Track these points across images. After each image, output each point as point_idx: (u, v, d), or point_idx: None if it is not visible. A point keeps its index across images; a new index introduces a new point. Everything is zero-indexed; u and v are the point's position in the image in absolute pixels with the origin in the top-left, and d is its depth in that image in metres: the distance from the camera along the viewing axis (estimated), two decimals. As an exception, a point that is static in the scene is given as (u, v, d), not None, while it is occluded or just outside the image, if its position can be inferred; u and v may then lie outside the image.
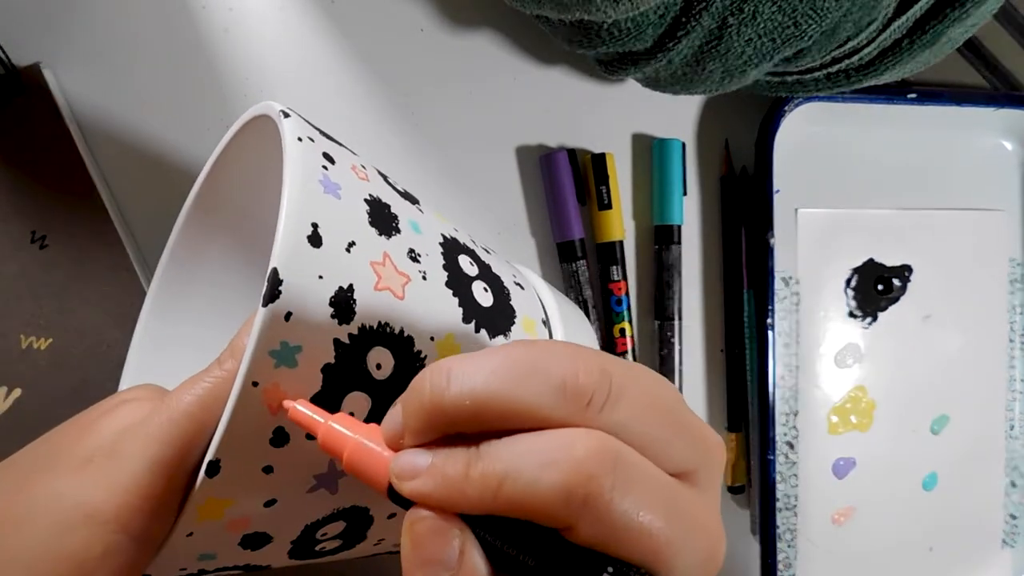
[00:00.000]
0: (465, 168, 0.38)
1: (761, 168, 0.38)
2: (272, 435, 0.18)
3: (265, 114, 0.23)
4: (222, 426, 0.17)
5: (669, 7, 0.30)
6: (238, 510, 0.19)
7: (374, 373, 0.19)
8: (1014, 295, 0.42)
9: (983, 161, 0.42)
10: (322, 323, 0.18)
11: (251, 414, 0.18)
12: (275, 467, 0.19)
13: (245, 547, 0.20)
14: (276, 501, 0.19)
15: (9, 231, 0.34)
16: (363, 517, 0.21)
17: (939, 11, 0.32)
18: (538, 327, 0.25)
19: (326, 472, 0.20)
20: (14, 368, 0.33)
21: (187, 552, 0.20)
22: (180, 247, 0.29)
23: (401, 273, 0.21)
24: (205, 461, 0.18)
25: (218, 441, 0.18)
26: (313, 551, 0.22)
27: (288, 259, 0.18)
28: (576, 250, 0.37)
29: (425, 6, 0.37)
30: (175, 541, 0.19)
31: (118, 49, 0.35)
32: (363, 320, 0.19)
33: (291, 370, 0.18)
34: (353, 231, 0.20)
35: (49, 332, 0.34)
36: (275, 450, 0.18)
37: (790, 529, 0.39)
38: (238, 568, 0.22)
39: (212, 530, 0.19)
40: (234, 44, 0.36)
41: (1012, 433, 0.42)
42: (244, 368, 0.17)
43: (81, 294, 0.34)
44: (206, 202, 0.28)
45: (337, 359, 0.19)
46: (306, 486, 0.19)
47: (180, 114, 0.36)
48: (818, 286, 0.40)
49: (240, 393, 0.17)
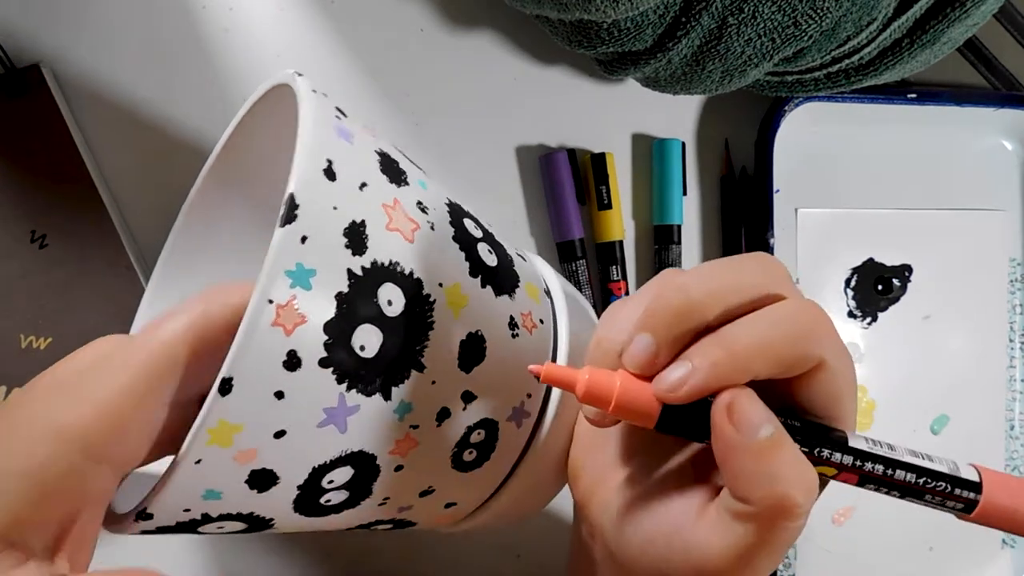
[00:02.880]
0: (465, 168, 0.38)
1: (761, 168, 0.38)
2: (286, 357, 0.18)
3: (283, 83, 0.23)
4: (236, 342, 0.17)
5: (669, 7, 0.30)
6: (247, 439, 0.19)
7: (385, 309, 0.20)
8: (1014, 295, 0.42)
9: (983, 161, 0.42)
10: (336, 251, 0.19)
11: (265, 333, 0.18)
12: (287, 393, 0.18)
13: (252, 487, 0.20)
14: (285, 433, 0.19)
15: (9, 231, 0.34)
16: (370, 467, 0.21)
17: (939, 11, 0.32)
18: (541, 296, 0.26)
19: (336, 407, 0.19)
20: (14, 368, 0.33)
21: (193, 486, 0.19)
22: (192, 217, 0.29)
23: (411, 219, 0.21)
24: (218, 379, 0.18)
25: (232, 357, 0.17)
26: (319, 504, 0.21)
27: (304, 186, 0.19)
28: (576, 250, 0.37)
29: (425, 6, 0.37)
30: (182, 469, 0.18)
31: (118, 49, 0.35)
32: (375, 255, 0.20)
33: (306, 292, 0.18)
34: (365, 174, 0.21)
35: (49, 332, 0.34)
36: (288, 374, 0.18)
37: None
38: (242, 518, 0.21)
39: (220, 460, 0.19)
40: (234, 44, 0.36)
41: (1012, 433, 0.42)
42: (260, 285, 0.18)
43: (81, 294, 0.34)
44: (219, 175, 0.28)
45: (350, 288, 0.19)
46: (316, 420, 0.19)
47: (180, 114, 0.36)
48: (818, 286, 0.40)
49: (254, 309, 0.17)
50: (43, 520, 0.19)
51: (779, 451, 0.18)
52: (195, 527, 0.21)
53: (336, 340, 0.19)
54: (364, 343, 0.20)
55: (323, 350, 0.19)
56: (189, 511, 0.20)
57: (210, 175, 0.28)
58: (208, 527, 0.21)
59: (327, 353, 0.19)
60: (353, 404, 0.20)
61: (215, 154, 0.28)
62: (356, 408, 0.20)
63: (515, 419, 0.24)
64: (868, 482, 0.21)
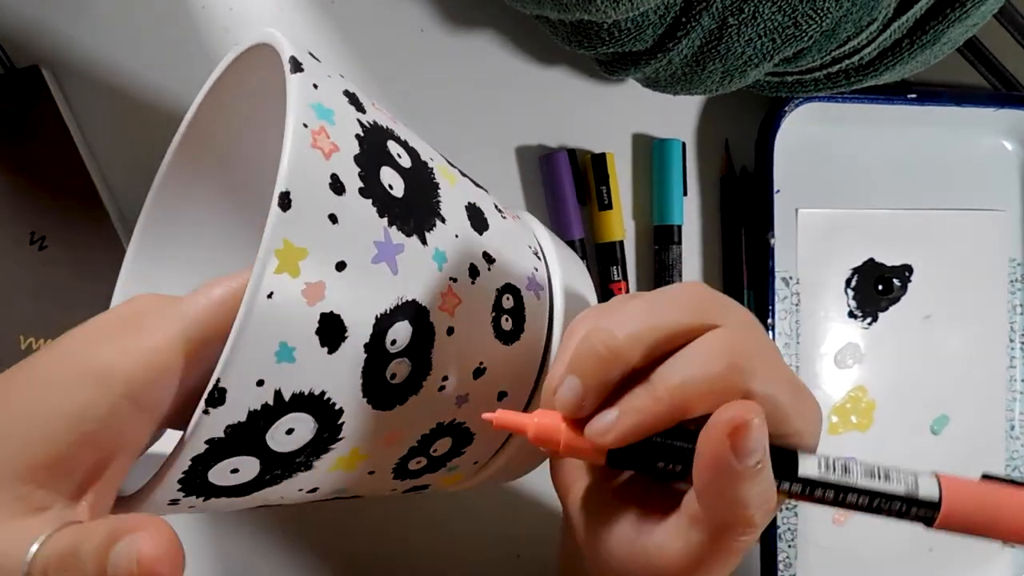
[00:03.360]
0: (465, 168, 0.38)
1: (761, 168, 0.38)
2: (330, 180, 0.19)
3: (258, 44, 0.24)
4: (285, 158, 0.18)
5: (669, 7, 0.30)
6: (313, 267, 0.19)
7: (397, 159, 0.22)
8: (1014, 295, 0.42)
9: (983, 161, 0.42)
10: (343, 104, 0.21)
11: (307, 152, 0.19)
12: (339, 217, 0.19)
13: (323, 342, 0.19)
14: (346, 266, 0.19)
15: (9, 232, 0.34)
16: (425, 324, 0.21)
17: (939, 11, 0.32)
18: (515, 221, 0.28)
19: (383, 241, 0.20)
20: (14, 369, 0.33)
21: (268, 335, 0.18)
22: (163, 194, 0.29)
23: (388, 114, 0.24)
24: (275, 194, 0.18)
25: (285, 172, 0.18)
26: (385, 381, 0.21)
27: (303, 57, 0.20)
28: (576, 250, 0.37)
29: (425, 6, 0.37)
30: (257, 307, 0.18)
31: (118, 49, 0.35)
32: (374, 118, 0.22)
33: (331, 126, 0.20)
34: (341, 78, 0.23)
35: (49, 332, 0.34)
36: (335, 197, 0.19)
37: (790, 529, 0.39)
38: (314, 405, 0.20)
39: (290, 295, 0.18)
40: (234, 44, 0.36)
41: (1012, 433, 0.42)
42: (292, 115, 0.19)
43: (81, 295, 0.34)
44: (190, 148, 0.28)
45: (365, 134, 0.21)
46: (369, 253, 0.20)
47: (180, 114, 0.35)
48: (818, 286, 0.40)
49: (294, 132, 0.19)
50: (77, 462, 0.18)
51: (759, 479, 0.19)
52: (264, 430, 0.19)
53: (367, 174, 0.20)
54: (391, 182, 0.21)
55: (359, 180, 0.20)
56: (263, 384, 0.19)
57: (179, 150, 0.28)
58: (277, 433, 0.20)
59: (364, 184, 0.20)
60: (398, 242, 0.21)
61: (182, 130, 0.28)
62: (401, 248, 0.21)
63: (532, 289, 0.25)
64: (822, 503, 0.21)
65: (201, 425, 0.18)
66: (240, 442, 0.19)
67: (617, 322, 0.20)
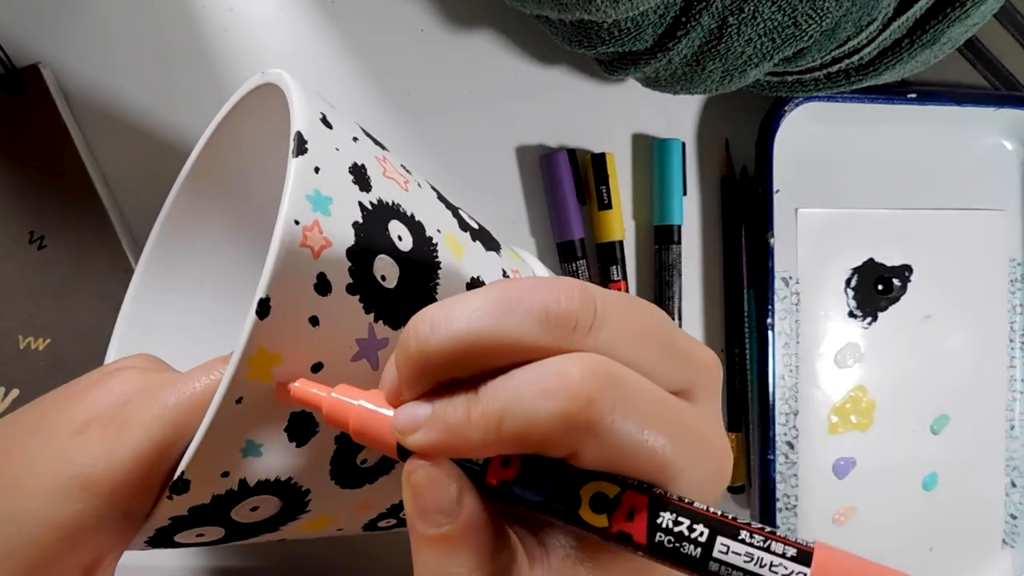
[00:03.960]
0: (465, 168, 0.38)
1: (761, 168, 0.38)
2: (316, 280, 0.18)
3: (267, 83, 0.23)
4: (270, 262, 0.17)
5: (669, 7, 0.30)
6: (286, 372, 0.18)
7: (397, 243, 0.20)
8: (1014, 295, 0.42)
9: (983, 161, 0.42)
10: (346, 185, 0.20)
11: (295, 254, 0.18)
12: (320, 319, 0.18)
13: (291, 437, 0.19)
14: (322, 367, 0.19)
15: (7, 231, 0.34)
16: None
17: (939, 11, 0.32)
18: (522, 263, 0.27)
19: (367, 338, 0.19)
20: (12, 369, 0.33)
21: (234, 434, 0.18)
22: (169, 225, 0.29)
23: (401, 174, 0.23)
24: (255, 300, 0.17)
25: (268, 277, 0.17)
26: (354, 465, 0.21)
27: (309, 125, 0.19)
28: (576, 250, 0.37)
29: (425, 6, 0.37)
30: (224, 409, 0.17)
31: (118, 49, 0.35)
32: (379, 194, 0.21)
33: (327, 218, 0.19)
34: (354, 131, 0.22)
35: (47, 332, 0.34)
36: (320, 299, 0.18)
37: (790, 529, 0.39)
38: (280, 489, 0.20)
39: (260, 398, 0.18)
40: (234, 44, 0.36)
41: (1012, 433, 0.42)
42: (285, 210, 0.18)
43: (80, 294, 0.33)
44: (199, 179, 0.28)
45: (364, 220, 0.20)
46: (349, 352, 0.19)
47: (180, 114, 0.36)
48: (818, 286, 0.40)
49: (284, 231, 0.18)
50: (68, 568, 0.19)
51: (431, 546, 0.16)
52: (228, 509, 0.20)
53: (359, 267, 0.19)
54: (384, 274, 0.20)
55: (349, 276, 0.19)
56: (228, 475, 0.19)
57: (188, 180, 0.28)
58: (241, 510, 0.20)
59: (353, 280, 0.19)
60: (382, 337, 0.20)
61: (192, 160, 0.28)
62: (385, 342, 0.20)
63: None
64: None
65: (164, 507, 0.19)
66: (204, 517, 0.19)
67: (453, 315, 0.15)
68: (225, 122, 0.27)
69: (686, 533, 0.14)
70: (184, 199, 0.28)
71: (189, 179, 0.28)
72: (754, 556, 0.14)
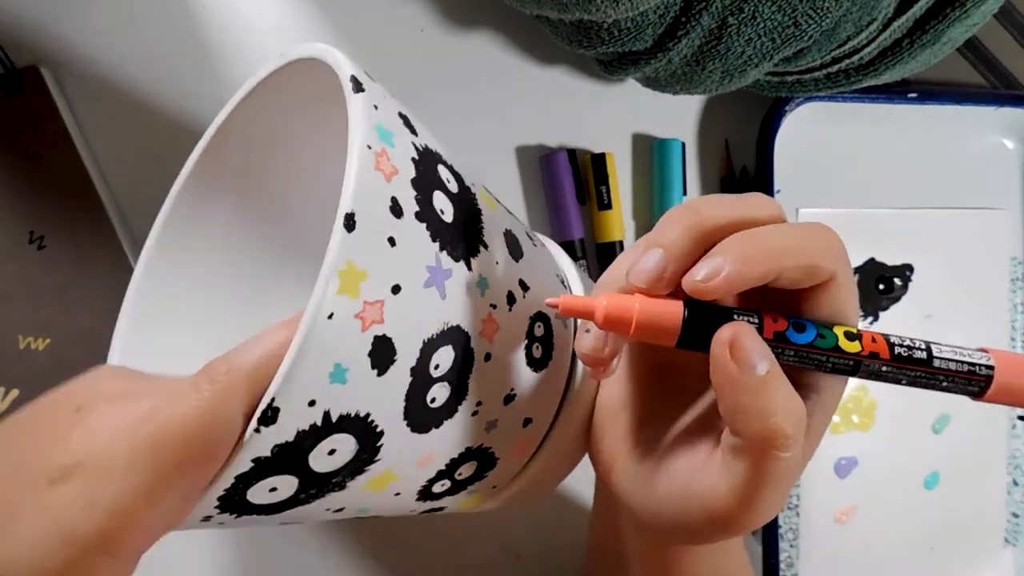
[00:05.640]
0: (465, 168, 0.38)
1: (761, 168, 0.38)
2: (390, 202, 0.19)
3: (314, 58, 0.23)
4: (350, 180, 0.18)
5: (669, 7, 0.30)
6: (371, 291, 0.19)
7: (447, 183, 0.22)
8: (1015, 294, 0.42)
9: (984, 160, 0.42)
10: (400, 126, 0.21)
11: (371, 174, 0.19)
12: (397, 240, 0.19)
13: (374, 364, 0.19)
14: (401, 289, 0.19)
15: (7, 231, 0.34)
16: (466, 349, 0.22)
17: (939, 11, 0.32)
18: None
19: (434, 266, 0.20)
20: (12, 369, 0.33)
21: (324, 355, 0.18)
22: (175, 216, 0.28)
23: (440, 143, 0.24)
24: (340, 216, 0.18)
25: (352, 193, 0.18)
26: (425, 405, 0.21)
27: (358, 72, 0.21)
28: (576, 250, 0.37)
29: (425, 6, 0.37)
30: (316, 326, 0.18)
31: (118, 49, 0.35)
32: (425, 141, 0.22)
33: (391, 149, 0.20)
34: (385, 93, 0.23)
35: (47, 333, 0.33)
36: (395, 220, 0.19)
37: (792, 529, 0.39)
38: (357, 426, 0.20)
39: (348, 316, 0.18)
40: (234, 44, 0.36)
41: (1014, 432, 0.42)
42: (359, 134, 0.19)
43: (79, 295, 0.33)
44: (206, 169, 0.28)
45: (420, 157, 0.21)
46: (422, 277, 0.20)
47: (180, 114, 0.36)
48: (819, 286, 0.40)
49: (359, 156, 0.19)
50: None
51: (773, 387, 0.19)
52: (309, 449, 0.19)
53: (423, 197, 0.20)
54: (442, 207, 0.21)
55: (416, 204, 0.20)
56: (314, 404, 0.18)
57: (196, 168, 0.28)
58: (321, 448, 0.19)
59: (419, 208, 0.20)
60: (447, 267, 0.21)
61: (200, 148, 0.28)
62: (449, 273, 0.21)
63: (560, 317, 0.26)
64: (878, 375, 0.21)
65: (251, 444, 0.18)
66: (284, 462, 0.19)
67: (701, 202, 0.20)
68: (236, 112, 0.27)
69: (912, 346, 0.21)
70: (190, 189, 0.28)
71: (197, 167, 0.28)
72: (957, 351, 0.21)
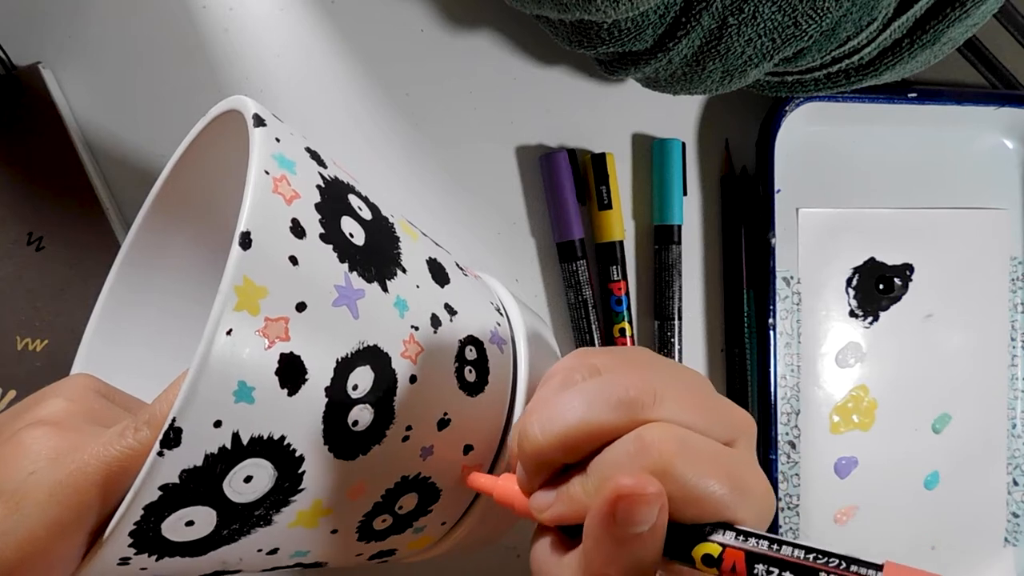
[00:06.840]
0: (465, 168, 0.38)
1: (762, 168, 0.38)
2: (291, 223, 0.20)
3: (233, 109, 0.23)
4: (247, 202, 0.19)
5: (669, 7, 0.30)
6: (273, 308, 0.19)
7: (358, 211, 0.22)
8: (1015, 294, 0.42)
9: (984, 160, 0.42)
10: (304, 158, 0.22)
11: (269, 196, 0.19)
12: (299, 259, 0.19)
13: (283, 384, 0.19)
14: (306, 307, 0.19)
15: (5, 232, 0.33)
16: (388, 370, 0.21)
17: (939, 11, 0.32)
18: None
19: (344, 286, 0.20)
20: (9, 370, 0.33)
21: (227, 372, 0.18)
22: (139, 244, 0.29)
23: (348, 173, 0.24)
24: (237, 233, 0.18)
25: (248, 210, 0.19)
26: (347, 428, 0.21)
27: (267, 116, 0.21)
28: (576, 250, 0.37)
29: (425, 6, 0.37)
30: (217, 341, 0.17)
31: (118, 49, 0.35)
32: (335, 173, 0.23)
33: (293, 175, 0.20)
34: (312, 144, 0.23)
35: (45, 334, 0.33)
36: (297, 240, 0.20)
37: (792, 529, 0.39)
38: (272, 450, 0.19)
39: (249, 333, 0.18)
40: (234, 44, 0.36)
41: (1014, 431, 0.42)
42: (255, 161, 0.19)
43: (77, 296, 0.33)
44: (168, 199, 0.28)
45: (326, 186, 0.22)
46: (330, 296, 0.20)
47: (179, 115, 0.35)
48: (819, 285, 0.40)
49: (256, 179, 0.19)
50: None
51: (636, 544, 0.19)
52: (222, 476, 0.19)
53: (328, 221, 0.21)
54: (351, 231, 0.21)
55: (320, 227, 0.20)
56: (220, 425, 0.18)
57: (157, 201, 0.28)
58: (235, 480, 0.19)
59: (324, 230, 0.20)
60: (358, 288, 0.21)
61: (159, 183, 0.28)
62: (361, 293, 0.21)
63: (496, 342, 0.25)
64: None
65: (155, 469, 0.17)
66: (196, 490, 0.18)
67: (547, 417, 0.20)
68: (192, 146, 0.27)
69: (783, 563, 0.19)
70: (152, 220, 0.29)
71: (157, 201, 0.28)
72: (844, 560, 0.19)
